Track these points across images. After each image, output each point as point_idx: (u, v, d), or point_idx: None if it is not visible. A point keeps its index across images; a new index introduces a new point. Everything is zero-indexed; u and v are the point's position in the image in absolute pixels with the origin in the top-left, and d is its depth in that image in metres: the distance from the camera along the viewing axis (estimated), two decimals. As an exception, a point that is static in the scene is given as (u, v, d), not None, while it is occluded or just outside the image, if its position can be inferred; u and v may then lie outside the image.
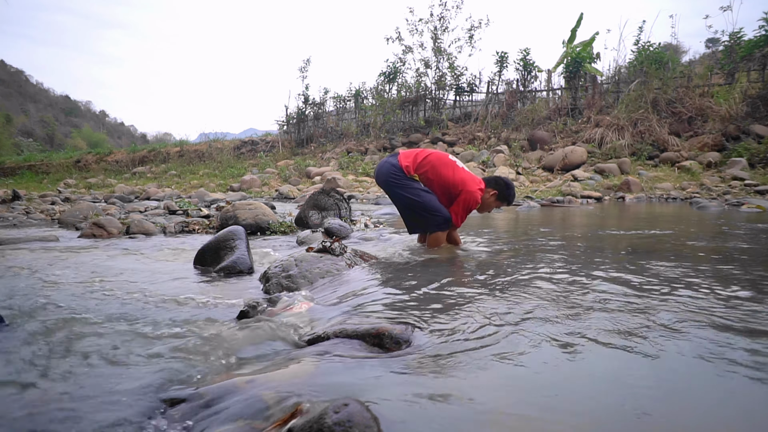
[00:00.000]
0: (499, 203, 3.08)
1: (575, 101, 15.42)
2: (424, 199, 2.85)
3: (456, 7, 17.36)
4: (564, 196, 9.41)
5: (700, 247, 3.03)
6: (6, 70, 69.64)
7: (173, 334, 1.46)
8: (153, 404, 1.01)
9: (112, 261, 2.89)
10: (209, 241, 2.80)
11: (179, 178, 17.29)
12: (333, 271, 2.26)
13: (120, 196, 10.74)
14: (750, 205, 6.76)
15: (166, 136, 50.64)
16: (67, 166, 21.82)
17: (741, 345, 1.20)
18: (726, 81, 13.39)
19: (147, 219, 4.95)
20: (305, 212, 4.99)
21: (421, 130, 16.93)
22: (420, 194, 2.86)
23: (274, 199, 10.78)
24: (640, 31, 14.85)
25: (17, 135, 44.89)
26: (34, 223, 5.69)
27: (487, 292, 1.83)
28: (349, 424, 0.75)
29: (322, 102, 19.77)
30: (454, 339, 1.28)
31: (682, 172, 11.07)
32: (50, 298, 1.88)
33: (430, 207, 2.86)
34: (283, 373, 1.08)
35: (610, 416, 0.88)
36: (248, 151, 20.36)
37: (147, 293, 2.01)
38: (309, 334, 1.41)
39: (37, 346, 1.35)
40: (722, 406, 0.93)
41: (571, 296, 1.72)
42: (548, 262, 2.47)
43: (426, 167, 2.88)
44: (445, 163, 2.92)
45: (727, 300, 1.64)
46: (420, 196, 2.86)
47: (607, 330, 1.33)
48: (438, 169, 2.88)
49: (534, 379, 1.04)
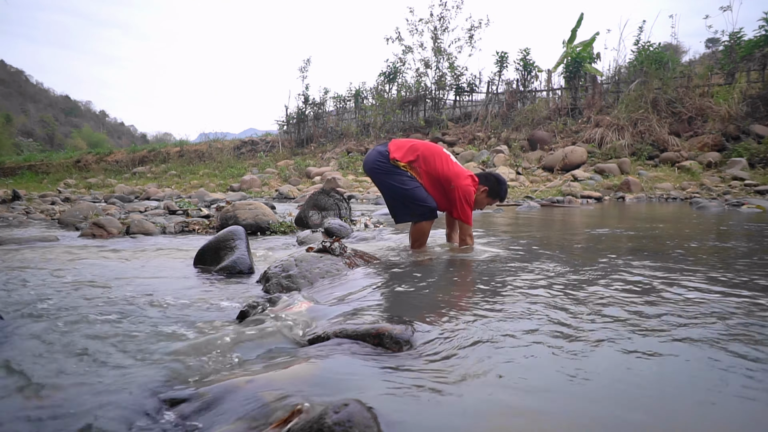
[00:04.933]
0: (491, 200, 2.99)
1: (575, 101, 15.42)
2: (408, 187, 2.79)
3: (456, 7, 17.40)
4: (564, 196, 9.41)
5: (700, 247, 3.03)
6: (6, 70, 69.62)
7: (173, 334, 1.46)
8: (153, 404, 1.01)
9: (112, 261, 2.89)
10: (209, 241, 2.80)
11: (179, 178, 17.29)
12: (333, 271, 2.26)
13: (120, 196, 10.74)
14: (750, 205, 6.76)
15: (166, 136, 50.65)
16: (67, 166, 21.82)
17: (741, 346, 1.20)
18: (726, 81, 13.39)
19: (147, 219, 4.95)
20: (305, 212, 4.99)
21: (421, 130, 16.93)
22: (405, 182, 2.79)
23: (274, 199, 10.78)
24: (640, 31, 14.87)
25: (17, 135, 44.89)
26: (34, 223, 5.69)
27: (488, 292, 1.83)
28: (349, 424, 0.75)
29: (322, 102, 19.78)
30: (454, 339, 1.28)
31: (682, 172, 11.07)
32: (49, 298, 1.88)
33: (415, 196, 2.79)
34: (283, 374, 1.08)
35: (611, 416, 0.88)
36: (248, 151, 20.36)
37: (147, 293, 2.01)
38: (309, 334, 1.41)
39: (35, 346, 1.35)
40: (721, 407, 0.93)
41: (572, 296, 1.72)
42: (548, 263, 2.47)
43: (416, 157, 2.82)
44: (437, 154, 2.85)
45: (729, 300, 1.64)
46: (405, 183, 2.79)
47: (607, 330, 1.33)
48: (429, 160, 2.82)
49: (534, 379, 1.04)
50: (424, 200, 2.81)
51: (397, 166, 2.81)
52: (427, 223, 2.90)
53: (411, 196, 2.79)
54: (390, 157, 2.82)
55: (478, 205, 2.98)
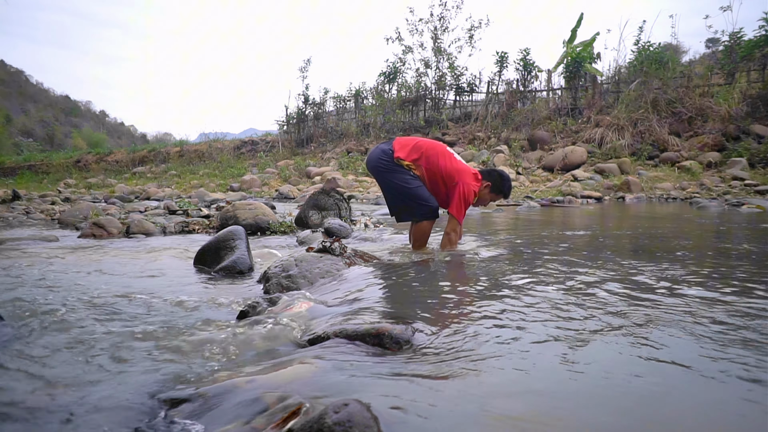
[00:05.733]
0: (495, 196, 2.96)
1: (575, 101, 15.42)
2: (411, 186, 2.79)
3: (456, 7, 17.37)
4: (564, 196, 9.41)
5: (700, 248, 3.03)
6: (6, 70, 69.56)
7: (173, 335, 1.46)
8: (153, 404, 1.01)
9: (112, 261, 2.89)
10: (209, 241, 2.80)
11: (179, 178, 17.29)
12: (333, 271, 2.26)
13: (120, 196, 10.74)
14: (750, 205, 6.76)
15: (166, 136, 50.60)
16: (67, 166, 21.82)
17: (740, 348, 1.20)
18: (726, 81, 13.39)
19: (147, 219, 4.95)
20: (305, 212, 4.99)
21: (421, 130, 16.92)
22: (408, 181, 2.79)
23: (274, 199, 10.78)
24: (640, 31, 14.84)
25: (17, 135, 44.91)
26: (34, 223, 5.69)
27: (488, 292, 1.83)
28: (349, 424, 0.75)
29: (322, 102, 19.77)
30: (454, 339, 1.28)
31: (682, 172, 11.07)
32: (49, 298, 1.88)
33: (417, 195, 2.79)
34: (283, 373, 1.08)
35: (611, 416, 0.88)
36: (248, 151, 20.37)
37: (147, 293, 2.01)
38: (309, 334, 1.41)
39: (35, 347, 1.35)
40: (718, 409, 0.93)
41: (573, 297, 1.72)
42: (549, 262, 2.46)
43: (419, 155, 2.82)
44: (440, 152, 2.85)
45: (728, 300, 1.64)
46: (408, 182, 2.79)
47: (608, 331, 1.33)
48: (432, 158, 2.82)
49: (535, 380, 1.04)
50: (427, 200, 2.81)
51: (401, 165, 2.81)
52: (428, 222, 2.90)
53: (414, 195, 2.79)
54: (394, 156, 2.81)
55: (482, 201, 2.97)
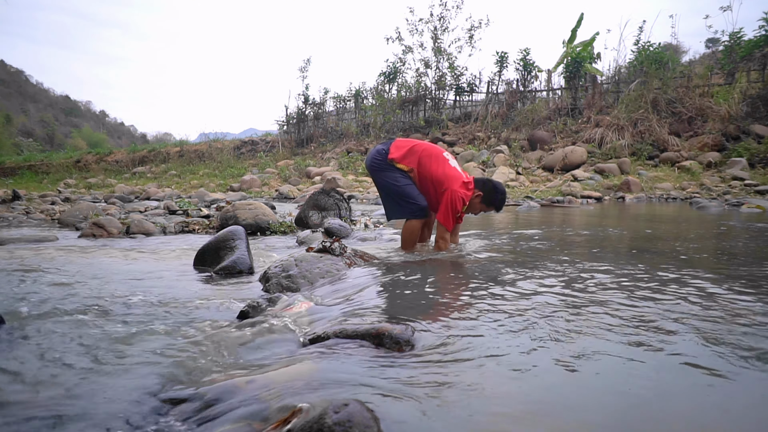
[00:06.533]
0: (485, 207, 2.94)
1: (575, 101, 15.43)
2: (400, 184, 2.88)
3: (456, 7, 17.40)
4: (564, 196, 9.41)
5: (700, 248, 3.03)
6: (6, 70, 69.62)
7: (173, 335, 1.46)
8: (154, 404, 1.01)
9: (112, 261, 2.89)
10: (209, 241, 2.80)
11: (179, 178, 17.30)
12: (333, 271, 2.26)
13: (120, 196, 10.74)
14: (750, 205, 6.76)
15: (166, 136, 50.62)
16: (67, 166, 21.82)
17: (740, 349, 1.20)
18: (726, 81, 13.39)
19: (147, 219, 4.95)
20: (305, 212, 4.99)
21: (421, 130, 16.93)
22: (397, 179, 2.89)
23: (274, 199, 10.78)
24: (640, 31, 14.89)
25: (17, 135, 44.90)
26: (34, 223, 5.69)
27: (488, 292, 1.83)
28: (349, 424, 0.75)
29: (322, 102, 19.79)
30: (454, 339, 1.28)
31: (682, 172, 11.07)
32: (49, 299, 1.88)
33: (405, 193, 2.87)
34: (283, 373, 1.08)
35: (611, 416, 0.88)
36: (248, 151, 20.37)
37: (146, 293, 2.01)
38: (309, 334, 1.41)
39: (36, 347, 1.35)
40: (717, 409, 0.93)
41: (573, 297, 1.72)
42: (549, 263, 2.46)
43: (414, 159, 2.88)
44: (434, 156, 2.89)
45: (727, 301, 1.64)
46: (397, 181, 2.88)
47: (609, 332, 1.33)
48: (425, 162, 2.87)
49: (534, 380, 1.04)
50: (414, 198, 2.87)
51: (393, 165, 2.89)
52: (416, 221, 2.93)
53: (401, 193, 2.88)
54: (388, 157, 2.90)
55: (471, 209, 2.96)
